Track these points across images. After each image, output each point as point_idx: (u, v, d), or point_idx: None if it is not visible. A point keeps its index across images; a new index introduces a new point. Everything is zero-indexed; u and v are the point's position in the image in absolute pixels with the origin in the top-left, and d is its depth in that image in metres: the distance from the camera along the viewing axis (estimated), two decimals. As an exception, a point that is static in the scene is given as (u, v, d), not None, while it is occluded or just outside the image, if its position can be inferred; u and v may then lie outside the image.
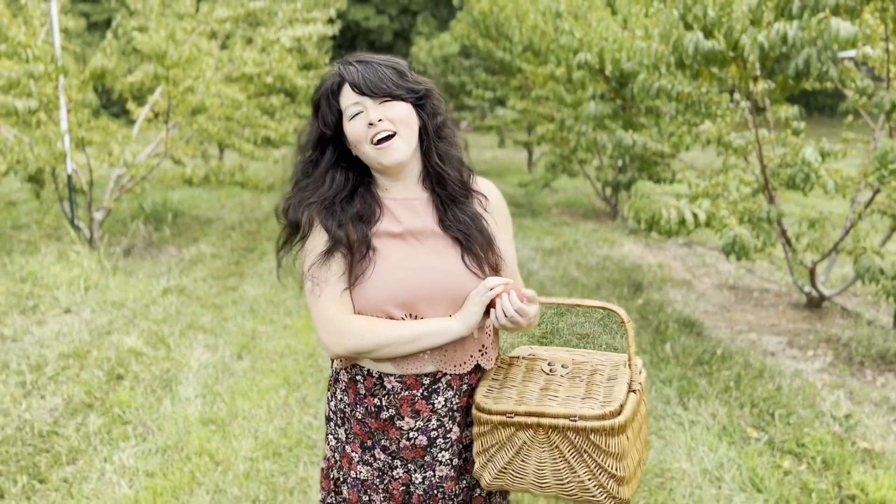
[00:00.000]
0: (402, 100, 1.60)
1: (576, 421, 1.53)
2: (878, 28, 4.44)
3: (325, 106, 1.63)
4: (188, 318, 5.50)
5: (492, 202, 1.75)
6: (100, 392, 4.10)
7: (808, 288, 5.78)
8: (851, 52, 4.92)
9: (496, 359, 1.75)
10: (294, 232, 1.65)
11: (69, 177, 7.24)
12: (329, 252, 1.60)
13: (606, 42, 5.27)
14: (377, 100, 1.58)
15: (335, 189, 1.64)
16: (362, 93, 1.57)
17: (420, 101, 1.63)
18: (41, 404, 3.93)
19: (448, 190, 1.67)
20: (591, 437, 1.53)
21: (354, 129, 1.59)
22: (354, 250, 1.59)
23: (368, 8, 27.46)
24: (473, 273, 1.63)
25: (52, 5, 6.97)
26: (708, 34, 4.34)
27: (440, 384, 1.64)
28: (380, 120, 1.56)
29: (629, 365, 1.66)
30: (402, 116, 1.59)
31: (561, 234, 9.16)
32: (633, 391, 1.60)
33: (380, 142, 1.58)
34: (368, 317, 1.61)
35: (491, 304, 1.59)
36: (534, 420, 1.56)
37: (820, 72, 4.14)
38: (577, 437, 1.55)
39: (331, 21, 8.90)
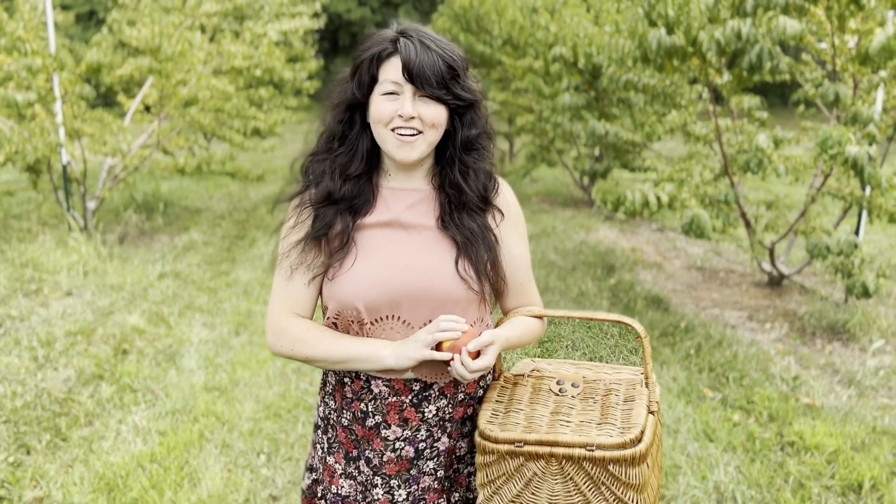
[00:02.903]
0: (444, 103, 1.46)
1: (593, 450, 1.40)
2: (827, 24, 4.82)
3: (365, 70, 1.48)
4: (185, 300, 5.80)
5: (508, 216, 1.61)
6: (108, 364, 4.41)
7: (768, 267, 6.19)
8: (823, 45, 5.29)
9: (498, 376, 1.64)
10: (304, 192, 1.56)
11: (64, 167, 7.50)
12: (307, 238, 1.51)
13: (578, 37, 5.62)
14: (419, 93, 1.44)
15: (361, 167, 1.54)
16: (410, 79, 1.42)
17: (461, 110, 1.50)
18: (55, 375, 4.23)
19: (462, 200, 1.53)
20: (610, 467, 1.41)
21: (381, 108, 1.46)
22: (332, 240, 1.50)
23: (350, 0, 27.67)
24: (465, 280, 1.49)
25: (46, 0, 7.20)
26: (670, 31, 4.70)
27: (432, 391, 1.53)
28: (412, 118, 1.44)
29: (646, 384, 1.54)
30: (435, 119, 1.46)
31: (540, 220, 9.53)
32: (651, 412, 1.49)
33: (401, 134, 1.46)
34: (308, 325, 1.53)
35: (443, 347, 1.44)
36: (546, 450, 1.43)
37: (772, 65, 4.53)
38: (595, 469, 1.42)
39: (316, 15, 9.18)
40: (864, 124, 4.47)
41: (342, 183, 1.51)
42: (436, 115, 1.45)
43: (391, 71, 1.45)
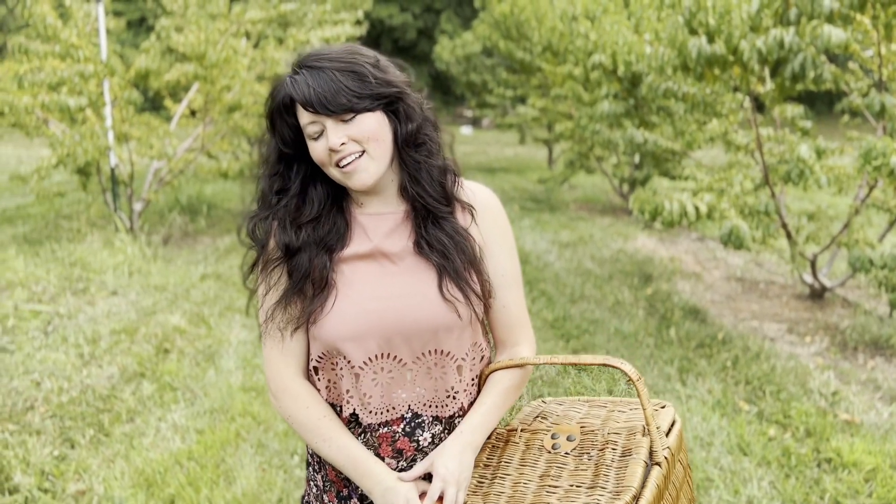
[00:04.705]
0: (369, 110, 1.32)
1: None
2: (873, 33, 4.73)
3: (280, 122, 1.37)
4: (226, 301, 5.93)
5: (482, 212, 1.46)
6: (150, 363, 4.53)
7: (810, 279, 6.07)
8: (869, 53, 5.19)
9: (492, 434, 1.50)
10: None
11: (112, 170, 7.72)
12: (287, 295, 1.39)
13: (618, 45, 5.61)
14: (337, 118, 1.31)
15: (315, 212, 1.42)
16: (317, 111, 1.30)
17: (392, 105, 1.36)
18: (99, 372, 4.37)
19: (423, 204, 1.41)
20: None
21: (315, 153, 1.35)
22: (312, 283, 1.39)
23: (392, 6, 27.93)
24: (451, 303, 1.37)
25: (99, 8, 7.44)
26: (711, 39, 4.66)
27: (424, 417, 1.42)
28: (343, 143, 1.31)
29: (647, 430, 1.36)
30: (369, 133, 1.32)
31: (577, 228, 9.50)
32: (657, 464, 1.32)
33: (345, 165, 1.34)
34: (309, 401, 1.41)
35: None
36: None
37: (815, 74, 4.46)
38: None
39: (358, 22, 9.31)
40: (910, 135, 4.38)
41: (296, 231, 1.39)
42: (366, 127, 1.32)
43: (302, 114, 1.34)
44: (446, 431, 1.42)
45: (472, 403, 1.46)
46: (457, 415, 1.44)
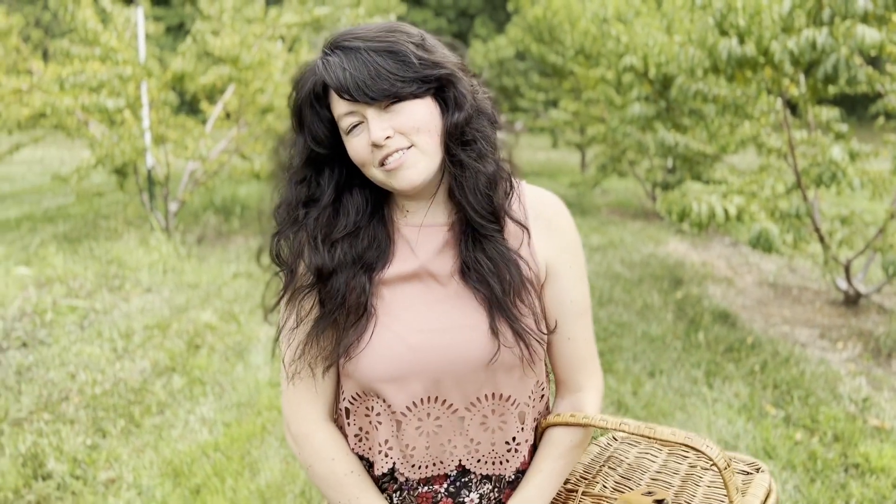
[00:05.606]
0: (416, 96, 1.10)
1: None
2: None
3: (311, 115, 1.15)
4: (256, 299, 6.02)
5: (550, 228, 1.25)
6: (181, 358, 4.63)
7: (844, 285, 5.97)
8: None
9: None
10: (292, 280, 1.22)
11: (149, 171, 7.90)
12: (320, 326, 1.18)
13: (649, 46, 5.59)
14: (379, 105, 1.08)
15: (351, 224, 1.18)
16: (354, 98, 1.08)
17: (442, 91, 1.12)
18: (132, 366, 4.47)
19: (470, 221, 1.16)
20: None
21: (354, 149, 1.12)
22: (350, 312, 1.16)
23: (427, 11, 28.09)
24: (504, 342, 1.15)
25: (138, 13, 7.63)
26: (742, 40, 4.62)
27: (471, 475, 1.21)
28: (388, 137, 1.09)
29: None
30: (419, 122, 1.09)
31: (608, 232, 9.44)
32: None
33: (390, 164, 1.11)
34: (334, 452, 1.21)
35: None
36: None
37: (848, 76, 4.39)
38: None
39: (391, 26, 9.39)
40: (947, 138, 4.28)
41: (330, 250, 1.17)
42: (412, 115, 1.09)
43: (337, 103, 1.11)
44: (496, 490, 1.22)
45: (532, 452, 1.25)
46: (516, 472, 1.23)
